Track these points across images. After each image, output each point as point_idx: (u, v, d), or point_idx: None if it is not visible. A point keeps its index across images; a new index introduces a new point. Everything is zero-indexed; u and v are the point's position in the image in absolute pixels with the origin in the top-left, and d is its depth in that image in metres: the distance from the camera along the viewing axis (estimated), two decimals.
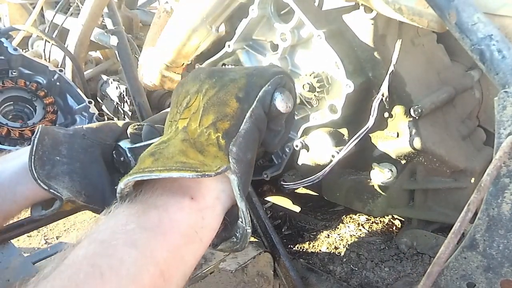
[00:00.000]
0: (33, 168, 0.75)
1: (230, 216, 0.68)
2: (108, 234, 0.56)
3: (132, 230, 0.57)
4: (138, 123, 0.89)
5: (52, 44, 2.01)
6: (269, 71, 0.72)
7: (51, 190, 0.76)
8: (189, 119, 0.68)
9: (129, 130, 0.87)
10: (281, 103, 0.70)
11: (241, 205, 0.64)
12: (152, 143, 0.84)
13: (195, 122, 0.67)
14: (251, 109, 0.68)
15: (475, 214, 0.73)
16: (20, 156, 0.80)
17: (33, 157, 0.76)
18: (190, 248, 0.61)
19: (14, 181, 0.79)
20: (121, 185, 0.62)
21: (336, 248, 1.40)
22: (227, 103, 0.68)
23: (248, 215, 0.65)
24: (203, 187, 0.65)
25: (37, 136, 0.78)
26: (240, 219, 0.66)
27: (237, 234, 0.67)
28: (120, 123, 0.91)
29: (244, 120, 0.67)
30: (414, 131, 1.10)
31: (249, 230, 0.65)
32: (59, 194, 0.77)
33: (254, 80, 0.70)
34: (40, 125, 0.82)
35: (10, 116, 1.68)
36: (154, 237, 0.57)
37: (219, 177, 0.64)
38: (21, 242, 2.19)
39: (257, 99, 0.69)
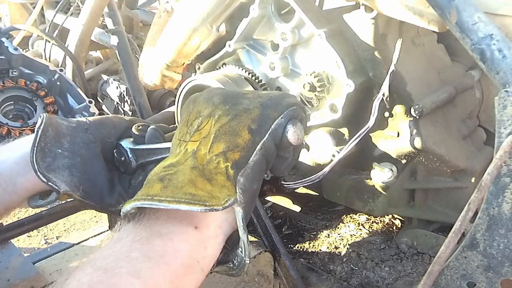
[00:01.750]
0: (34, 160, 0.75)
1: (229, 242, 0.68)
2: (112, 261, 0.57)
3: (136, 259, 0.57)
4: (142, 123, 0.89)
5: (53, 43, 2.01)
6: (283, 103, 0.71)
7: (49, 183, 0.76)
8: (199, 142, 0.69)
9: (133, 131, 0.87)
10: (292, 136, 0.70)
11: (243, 236, 0.64)
12: (155, 147, 0.84)
13: (205, 147, 0.68)
14: (262, 141, 0.68)
15: (476, 213, 0.73)
16: (22, 146, 0.80)
17: (35, 148, 0.76)
18: (191, 278, 0.62)
19: (15, 171, 0.79)
20: (127, 207, 0.62)
21: (336, 247, 1.40)
22: (239, 134, 0.68)
23: (249, 247, 0.65)
24: (208, 216, 0.66)
25: (41, 127, 0.78)
26: (240, 249, 0.66)
27: (235, 261, 0.67)
28: (125, 119, 0.91)
29: (254, 152, 0.68)
30: (414, 130, 1.10)
31: (247, 261, 0.66)
32: (57, 187, 0.77)
33: (268, 112, 0.70)
34: (45, 114, 0.81)
35: (11, 116, 1.68)
36: (158, 267, 0.58)
37: None
38: (21, 242, 2.19)
39: (269, 132, 0.69)
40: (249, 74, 1.26)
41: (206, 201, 0.61)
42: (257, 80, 1.26)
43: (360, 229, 1.47)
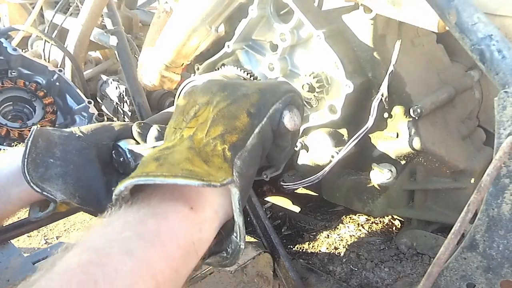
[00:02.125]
0: (26, 171, 0.75)
1: (223, 231, 0.67)
2: (103, 242, 0.54)
3: (129, 238, 0.55)
4: (143, 121, 0.89)
5: (52, 44, 2.01)
6: (281, 89, 0.72)
7: (44, 193, 0.76)
8: (196, 128, 0.68)
9: (135, 129, 0.86)
10: (289, 121, 0.71)
11: (239, 220, 0.63)
12: (155, 147, 0.84)
13: (202, 132, 0.67)
14: (260, 125, 0.68)
15: (475, 214, 0.73)
16: (16, 156, 0.80)
17: (26, 160, 0.76)
18: (186, 260, 0.60)
19: (10, 182, 0.79)
20: (121, 187, 0.59)
21: (335, 248, 1.40)
22: (238, 117, 0.68)
23: (244, 231, 0.64)
24: (203, 199, 0.64)
25: (30, 139, 0.78)
26: (234, 234, 0.64)
27: (229, 249, 0.66)
28: (117, 124, 0.90)
29: (252, 136, 0.67)
30: (413, 131, 1.09)
31: (242, 246, 0.64)
32: (52, 197, 0.76)
33: (266, 97, 0.70)
34: (35, 127, 0.81)
35: (10, 117, 1.68)
36: (152, 246, 0.55)
37: (219, 190, 0.64)
38: (21, 242, 2.19)
39: (267, 116, 0.69)
40: (248, 75, 1.26)
41: (204, 176, 0.59)
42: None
43: (360, 230, 1.47)
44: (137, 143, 0.86)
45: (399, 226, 1.46)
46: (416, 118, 1.08)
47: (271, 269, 1.25)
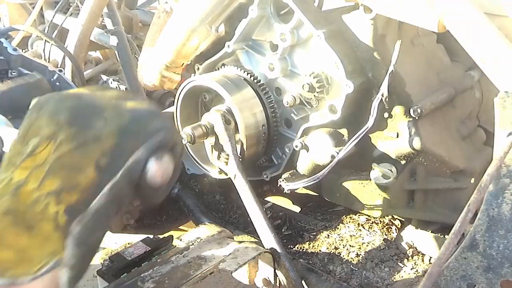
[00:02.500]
0: None
1: None
2: None
3: None
4: None
5: (52, 44, 2.01)
6: (149, 128, 0.56)
7: None
8: (29, 173, 0.53)
9: None
10: (155, 174, 0.56)
11: None
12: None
13: (35, 181, 0.52)
14: (111, 183, 0.54)
15: (475, 214, 0.73)
16: None
17: None
18: None
19: None
20: None
21: (336, 248, 1.40)
22: (82, 170, 0.53)
23: None
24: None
25: None
26: None
27: None
28: None
29: (100, 195, 0.53)
30: (413, 131, 1.10)
31: None
32: None
33: (125, 142, 0.55)
34: None
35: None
36: None
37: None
38: None
39: (124, 168, 0.54)
40: (248, 75, 1.26)
41: (10, 268, 0.46)
42: (255, 81, 1.26)
43: (360, 230, 1.47)
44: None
45: (399, 226, 1.46)
46: (416, 118, 1.08)
47: (272, 269, 1.25)
